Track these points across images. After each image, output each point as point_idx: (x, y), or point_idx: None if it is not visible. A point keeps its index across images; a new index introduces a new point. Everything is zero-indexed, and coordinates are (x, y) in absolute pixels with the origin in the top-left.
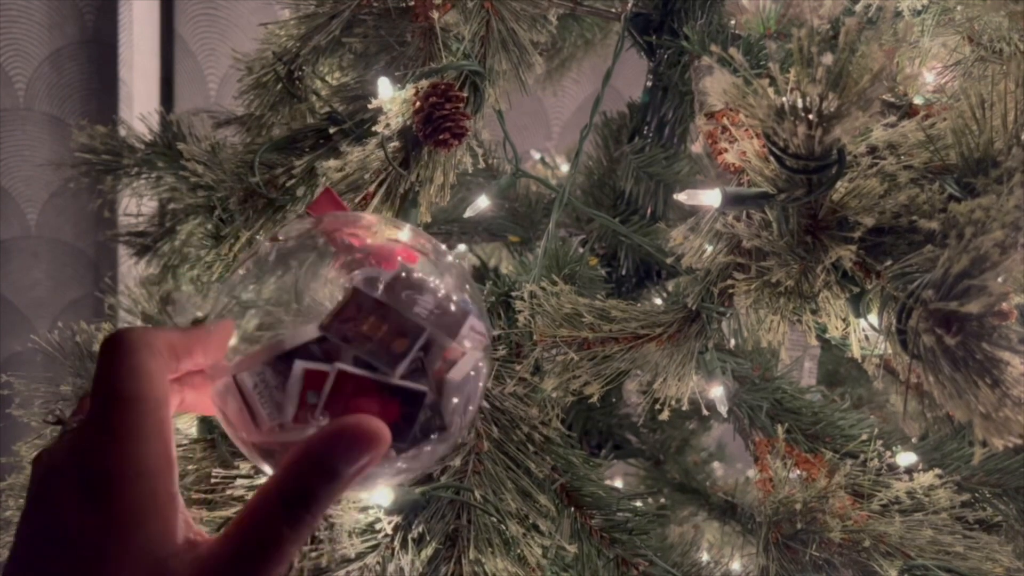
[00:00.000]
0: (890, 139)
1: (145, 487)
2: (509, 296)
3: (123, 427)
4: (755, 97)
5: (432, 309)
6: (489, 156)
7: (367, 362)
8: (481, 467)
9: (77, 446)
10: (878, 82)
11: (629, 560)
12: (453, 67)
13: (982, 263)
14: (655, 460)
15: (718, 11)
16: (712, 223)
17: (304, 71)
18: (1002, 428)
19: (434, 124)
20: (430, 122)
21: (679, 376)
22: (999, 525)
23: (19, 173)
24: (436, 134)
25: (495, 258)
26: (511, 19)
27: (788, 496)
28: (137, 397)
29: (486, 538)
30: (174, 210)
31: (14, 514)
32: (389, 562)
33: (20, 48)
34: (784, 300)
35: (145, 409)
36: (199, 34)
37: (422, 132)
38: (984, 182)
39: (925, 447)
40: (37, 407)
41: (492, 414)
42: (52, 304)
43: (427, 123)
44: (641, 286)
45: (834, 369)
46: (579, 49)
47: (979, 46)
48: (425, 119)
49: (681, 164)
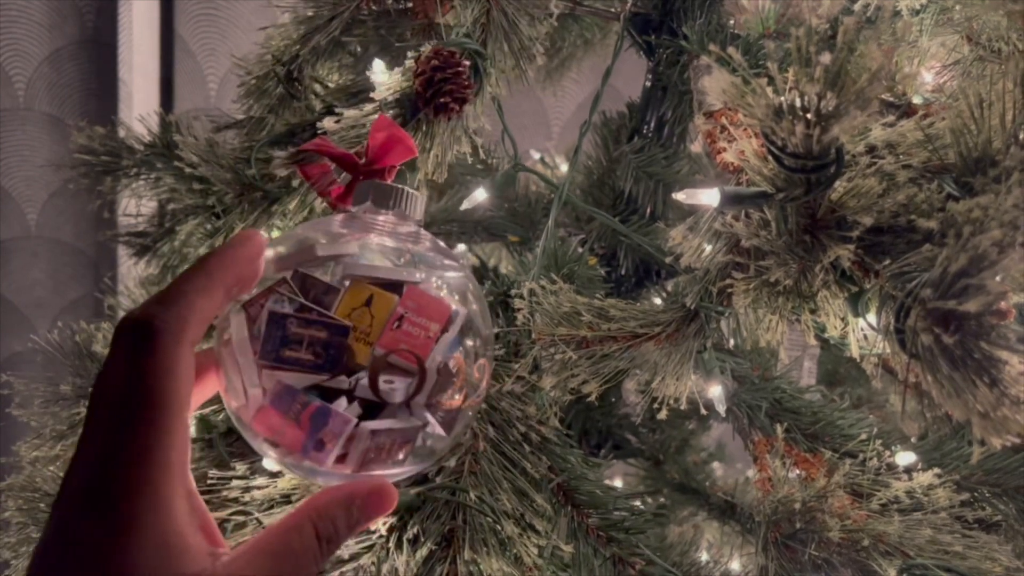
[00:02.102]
0: (889, 138)
1: (161, 503)
2: (508, 295)
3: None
4: (754, 96)
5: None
6: (489, 155)
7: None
8: (477, 467)
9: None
10: (876, 81)
11: (626, 559)
12: (454, 43)
13: (980, 262)
14: (654, 460)
15: (717, 11)
16: (711, 222)
17: (304, 72)
18: (1000, 427)
19: (435, 87)
20: (431, 85)
21: (678, 375)
22: (998, 524)
23: (19, 173)
24: (437, 97)
25: (495, 258)
26: (512, 11)
27: (787, 496)
28: (159, 405)
29: (482, 538)
30: (174, 210)
31: (14, 514)
32: (384, 562)
33: (20, 48)
34: (783, 299)
35: (164, 420)
36: (199, 34)
37: (423, 97)
38: (982, 181)
39: (924, 446)
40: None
41: (488, 413)
42: (52, 304)
43: (428, 86)
44: (640, 285)
45: (833, 368)
46: (579, 49)
47: (978, 45)
48: (426, 82)
49: (680, 163)
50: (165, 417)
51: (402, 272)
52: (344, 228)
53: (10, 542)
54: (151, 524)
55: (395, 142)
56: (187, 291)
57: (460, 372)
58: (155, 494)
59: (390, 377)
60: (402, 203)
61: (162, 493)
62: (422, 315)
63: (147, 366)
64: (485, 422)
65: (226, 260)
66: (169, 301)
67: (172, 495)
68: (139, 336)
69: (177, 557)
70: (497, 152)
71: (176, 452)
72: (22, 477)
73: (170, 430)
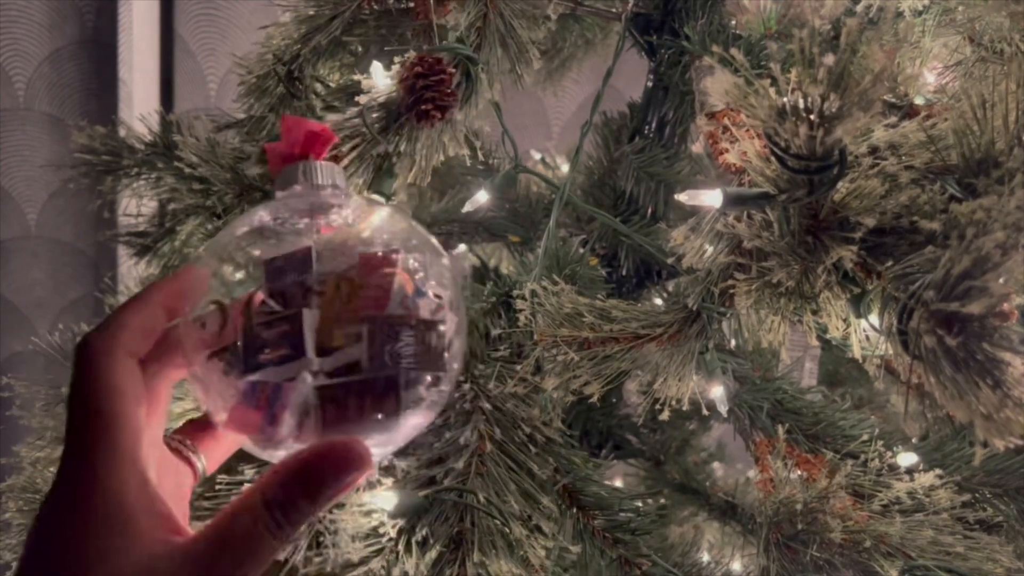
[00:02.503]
0: (891, 139)
1: (109, 494)
2: (510, 296)
3: (84, 444)
4: (756, 97)
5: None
6: (489, 156)
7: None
8: (484, 469)
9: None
10: (879, 83)
11: (632, 560)
12: (445, 49)
13: (983, 264)
14: (655, 460)
15: (719, 11)
16: (713, 223)
17: (304, 72)
18: (1003, 429)
19: (417, 94)
20: (413, 92)
21: (679, 376)
22: (1000, 525)
23: (19, 173)
24: (418, 104)
25: (495, 258)
26: (510, 15)
27: (789, 496)
28: (98, 412)
29: (490, 540)
30: (174, 210)
31: (14, 516)
32: (393, 566)
33: (20, 48)
34: (785, 300)
35: (106, 423)
36: (199, 34)
37: (405, 102)
38: (985, 183)
39: (926, 447)
40: (38, 409)
41: (494, 415)
42: (52, 304)
43: (410, 92)
44: (642, 286)
45: (835, 369)
46: (579, 49)
47: (980, 46)
48: (408, 88)
49: (682, 164)
50: (105, 417)
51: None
52: (258, 217)
53: (10, 543)
54: (101, 515)
55: (303, 130)
56: (118, 311)
57: (403, 297)
58: (100, 484)
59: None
60: (308, 176)
61: (110, 484)
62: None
63: (84, 377)
64: (491, 424)
65: (161, 283)
66: (103, 323)
67: (122, 486)
68: (76, 354)
69: (127, 544)
70: (498, 153)
71: (124, 447)
72: (22, 478)
73: (111, 428)
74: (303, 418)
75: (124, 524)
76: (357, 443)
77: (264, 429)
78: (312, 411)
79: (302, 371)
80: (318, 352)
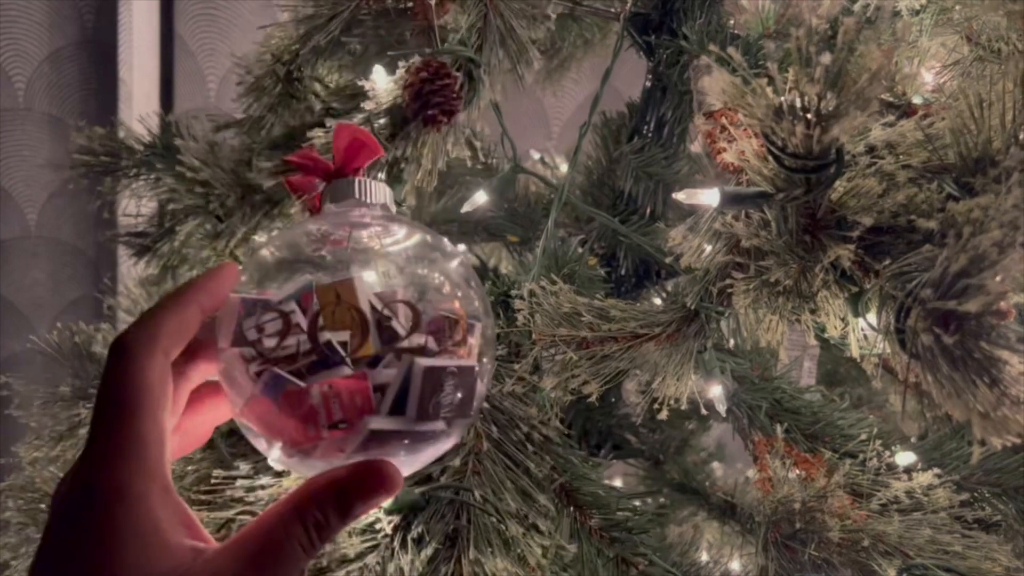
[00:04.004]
0: (888, 138)
1: (135, 502)
2: (508, 296)
3: (111, 448)
4: (754, 96)
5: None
6: (489, 156)
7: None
8: (480, 467)
9: (79, 462)
10: (876, 82)
11: (629, 559)
12: (447, 51)
13: (980, 262)
14: (654, 460)
15: (717, 11)
16: (711, 223)
17: (303, 72)
18: (1000, 427)
19: (423, 99)
20: (419, 97)
21: (678, 376)
22: (998, 524)
23: (19, 173)
24: (425, 109)
25: (495, 258)
26: (510, 15)
27: (787, 496)
28: (131, 415)
29: (486, 538)
30: (173, 211)
31: (13, 515)
32: (389, 562)
33: (20, 48)
34: (783, 299)
35: (136, 428)
36: (199, 34)
37: (411, 107)
38: (982, 181)
39: (924, 446)
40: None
41: (491, 413)
42: (52, 304)
43: (417, 98)
44: (640, 286)
45: (833, 369)
46: (579, 49)
47: (977, 46)
48: (415, 94)
49: (680, 164)
50: (135, 420)
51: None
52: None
53: (10, 543)
54: (128, 523)
55: (360, 145)
56: (157, 310)
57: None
58: (130, 493)
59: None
60: (359, 193)
61: (136, 491)
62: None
63: (118, 378)
64: (488, 422)
65: (198, 282)
66: (141, 321)
67: (147, 492)
68: (112, 353)
69: (156, 554)
70: (497, 153)
71: (150, 452)
72: (22, 478)
73: (140, 432)
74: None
75: (152, 534)
76: (390, 466)
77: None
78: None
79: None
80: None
